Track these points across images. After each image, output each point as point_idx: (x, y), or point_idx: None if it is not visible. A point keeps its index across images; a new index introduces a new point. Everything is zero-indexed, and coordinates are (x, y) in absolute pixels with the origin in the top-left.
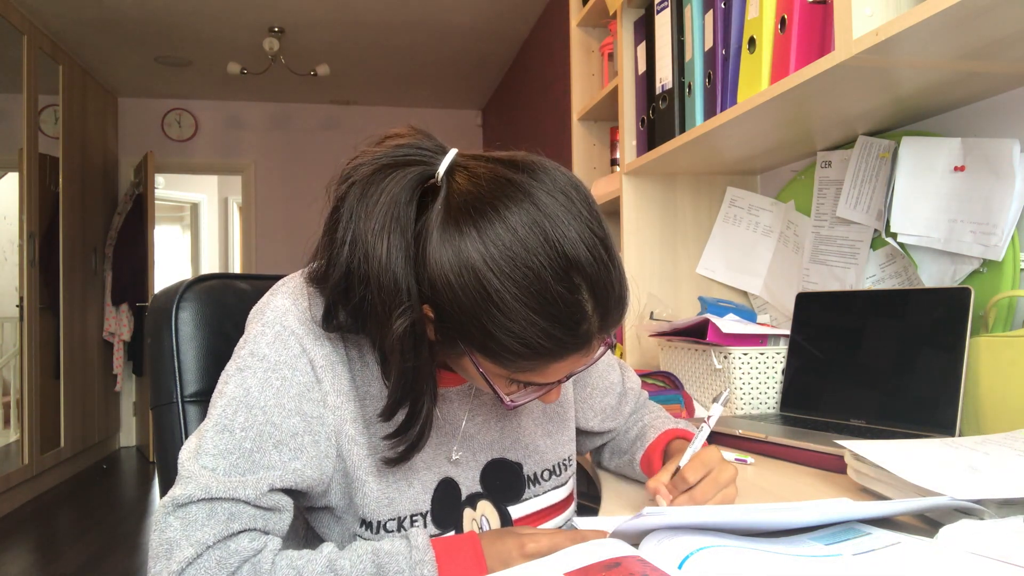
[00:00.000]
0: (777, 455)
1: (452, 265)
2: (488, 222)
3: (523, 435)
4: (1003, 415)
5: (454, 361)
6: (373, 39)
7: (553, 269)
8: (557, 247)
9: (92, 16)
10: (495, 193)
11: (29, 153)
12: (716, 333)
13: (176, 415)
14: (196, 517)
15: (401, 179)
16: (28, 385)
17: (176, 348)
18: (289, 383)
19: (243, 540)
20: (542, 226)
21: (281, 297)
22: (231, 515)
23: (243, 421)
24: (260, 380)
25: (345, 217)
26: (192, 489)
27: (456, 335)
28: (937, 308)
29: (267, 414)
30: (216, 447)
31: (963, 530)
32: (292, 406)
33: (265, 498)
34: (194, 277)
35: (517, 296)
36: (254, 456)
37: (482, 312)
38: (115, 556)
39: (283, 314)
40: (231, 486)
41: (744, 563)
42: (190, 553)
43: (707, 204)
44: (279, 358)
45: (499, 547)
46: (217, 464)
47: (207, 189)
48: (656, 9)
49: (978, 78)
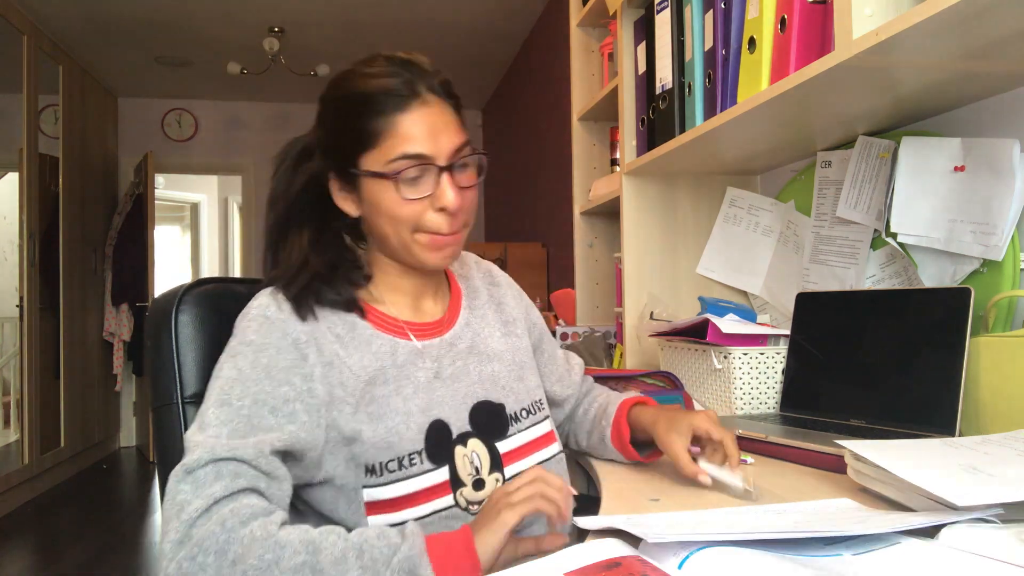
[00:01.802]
0: (777, 455)
1: (319, 115)
2: (331, 82)
3: (499, 379)
4: (1003, 415)
5: (368, 209)
6: (373, 39)
7: (363, 61)
8: (366, 58)
9: (92, 16)
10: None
11: (29, 153)
12: (716, 333)
13: (176, 416)
14: (205, 478)
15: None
16: (28, 385)
17: (175, 350)
18: (276, 360)
19: (252, 498)
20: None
21: (261, 297)
22: (235, 473)
23: (239, 393)
24: (251, 360)
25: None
26: (199, 453)
27: (343, 162)
28: (937, 308)
29: (259, 384)
30: (217, 418)
31: (963, 530)
32: (282, 377)
33: (265, 460)
34: (193, 281)
35: (351, 85)
36: (252, 420)
37: (337, 111)
38: (115, 556)
39: (264, 307)
40: (233, 447)
41: (744, 563)
42: (199, 504)
43: (707, 204)
44: (265, 341)
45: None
46: (220, 432)
47: (207, 189)
48: (656, 9)
49: (978, 78)
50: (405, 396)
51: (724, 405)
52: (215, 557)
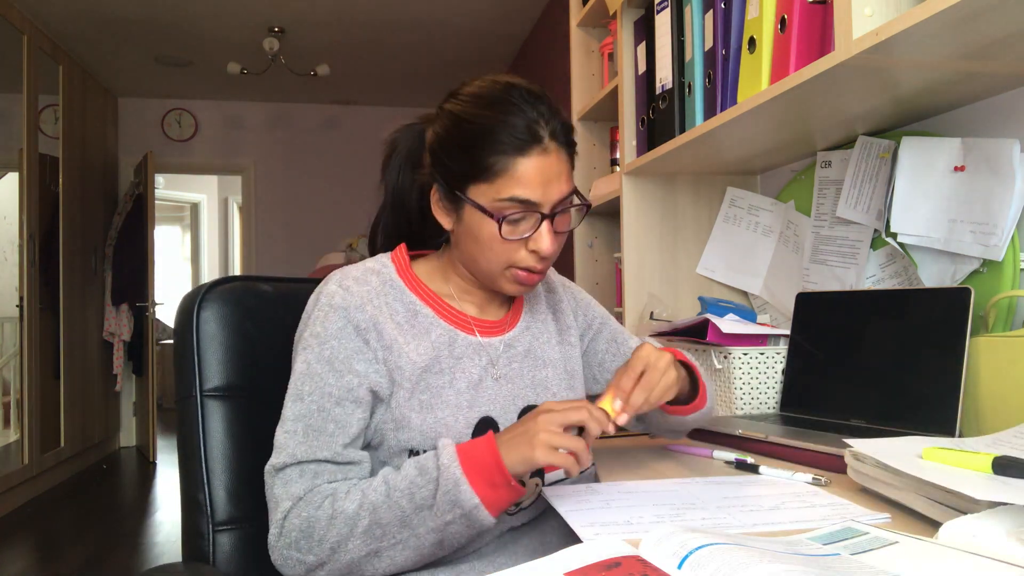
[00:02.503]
0: (777, 455)
1: (438, 123)
2: (459, 91)
3: (551, 385)
4: (1003, 415)
5: (463, 234)
6: (373, 39)
7: (499, 85)
8: (500, 80)
9: (92, 16)
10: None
11: (29, 153)
12: (716, 333)
13: (195, 409)
14: (290, 477)
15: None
16: (28, 385)
17: (196, 345)
18: (338, 350)
19: (327, 487)
20: (496, 79)
21: (331, 284)
22: (316, 472)
23: (309, 388)
24: (316, 354)
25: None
26: (284, 457)
27: (450, 182)
28: (937, 308)
29: (324, 379)
30: (293, 413)
31: (962, 529)
32: (345, 367)
33: (342, 454)
34: (217, 279)
35: (475, 107)
36: (324, 414)
37: (457, 133)
38: (115, 556)
39: (331, 296)
40: (312, 449)
41: (743, 562)
42: (287, 505)
43: (707, 204)
44: (328, 332)
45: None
46: (296, 427)
47: (207, 189)
48: (656, 9)
49: (978, 78)
50: (458, 389)
51: (724, 405)
52: (306, 541)
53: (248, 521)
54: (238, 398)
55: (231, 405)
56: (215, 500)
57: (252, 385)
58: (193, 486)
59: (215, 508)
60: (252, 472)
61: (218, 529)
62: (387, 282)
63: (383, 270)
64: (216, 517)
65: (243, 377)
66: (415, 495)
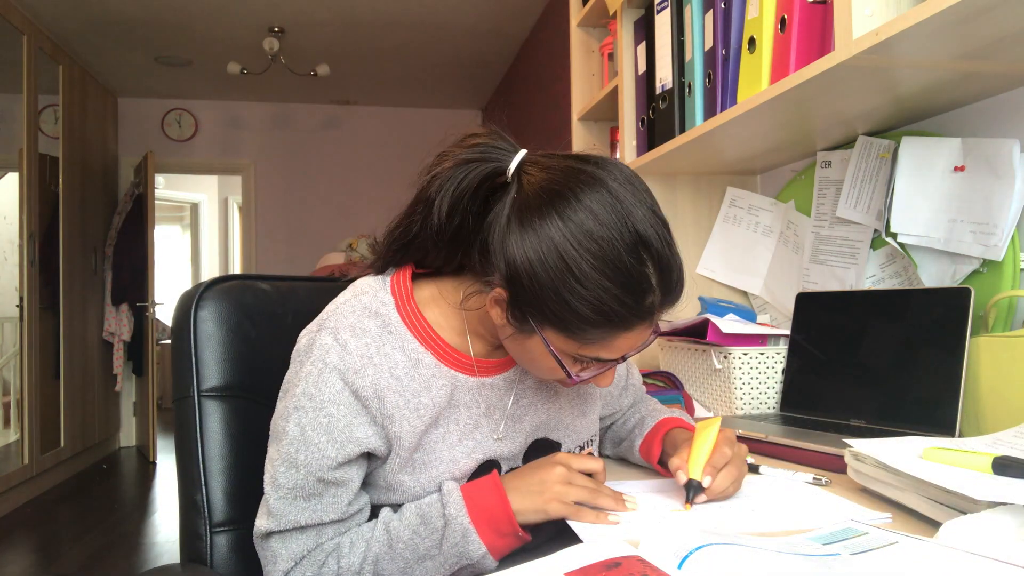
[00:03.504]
0: (777, 455)
1: (534, 245)
2: (567, 205)
3: (563, 416)
4: (1003, 415)
5: (516, 344)
6: (373, 39)
7: (625, 243)
8: (628, 224)
9: (92, 16)
10: (570, 181)
11: (29, 153)
12: (716, 333)
13: (192, 409)
14: (291, 537)
15: (476, 173)
16: (28, 385)
17: (194, 344)
18: (336, 418)
19: (327, 542)
20: (615, 207)
21: (325, 335)
22: (319, 532)
23: (304, 458)
24: (311, 419)
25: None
26: (284, 524)
27: (529, 313)
28: (937, 308)
29: (322, 449)
30: (289, 481)
31: (962, 529)
32: (343, 437)
33: (347, 510)
34: (215, 277)
35: (594, 266)
36: (323, 483)
37: (561, 284)
38: (115, 556)
39: (326, 352)
40: (316, 514)
41: (743, 562)
42: (287, 566)
43: (707, 204)
44: (324, 397)
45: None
46: (294, 496)
47: (207, 189)
48: (656, 9)
49: (978, 78)
50: (451, 443)
51: (724, 405)
52: None
53: (246, 522)
54: (236, 398)
55: (229, 405)
56: (213, 501)
57: (250, 385)
58: (191, 487)
59: (213, 509)
60: (250, 473)
61: (216, 530)
62: (386, 327)
63: (382, 309)
64: (214, 518)
65: (241, 377)
66: (419, 546)
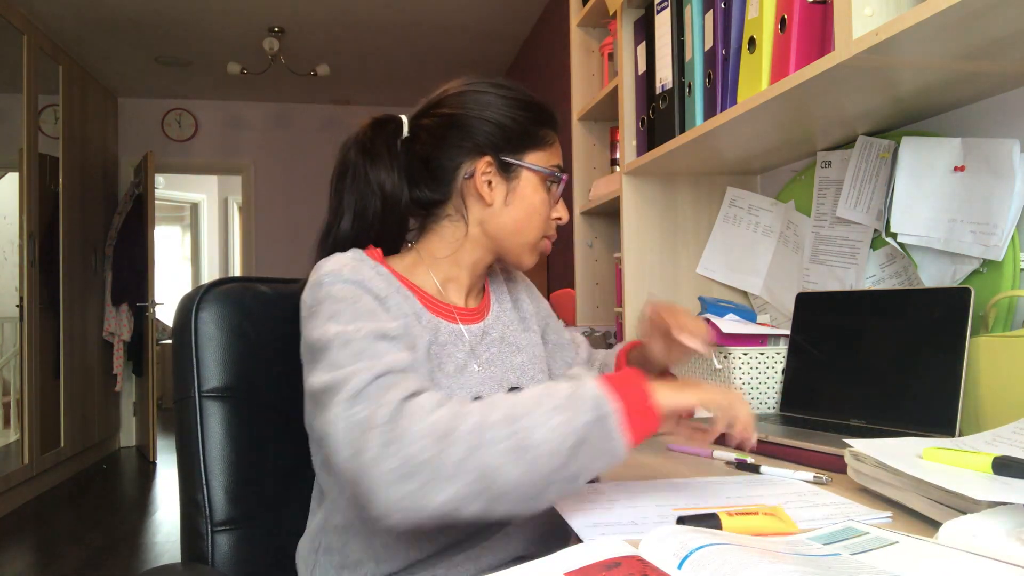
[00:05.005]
0: (777, 455)
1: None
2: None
3: (527, 369)
4: (1003, 415)
5: (512, 203)
6: (373, 39)
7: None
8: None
9: (92, 16)
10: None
11: (29, 153)
12: (716, 333)
13: (193, 409)
14: (379, 391)
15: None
16: (28, 385)
17: (195, 346)
18: (368, 304)
19: (427, 392)
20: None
21: (329, 263)
22: (404, 376)
23: (353, 331)
24: (350, 312)
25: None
26: (358, 380)
27: (509, 152)
28: (937, 308)
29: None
30: (351, 352)
31: (962, 529)
32: (381, 316)
33: (417, 358)
34: (216, 279)
35: (511, 91)
36: (382, 337)
37: (516, 108)
38: (115, 556)
39: (337, 272)
40: (389, 362)
41: (743, 562)
42: (387, 411)
43: (707, 204)
44: (347, 295)
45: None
46: (361, 358)
47: (207, 189)
48: (656, 9)
49: (978, 78)
50: (447, 372)
51: None
52: (431, 440)
53: (247, 521)
54: (236, 399)
55: (229, 406)
56: (213, 500)
57: (250, 386)
58: (192, 487)
59: (213, 508)
60: (251, 472)
61: (217, 529)
62: (376, 269)
63: (369, 262)
64: (215, 517)
65: (241, 378)
66: (543, 403)
